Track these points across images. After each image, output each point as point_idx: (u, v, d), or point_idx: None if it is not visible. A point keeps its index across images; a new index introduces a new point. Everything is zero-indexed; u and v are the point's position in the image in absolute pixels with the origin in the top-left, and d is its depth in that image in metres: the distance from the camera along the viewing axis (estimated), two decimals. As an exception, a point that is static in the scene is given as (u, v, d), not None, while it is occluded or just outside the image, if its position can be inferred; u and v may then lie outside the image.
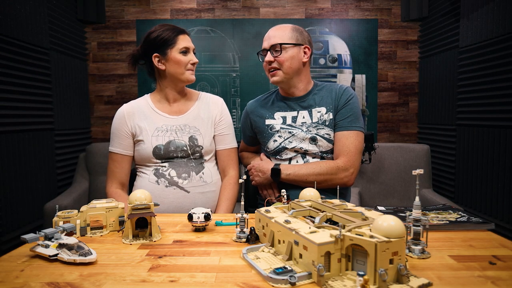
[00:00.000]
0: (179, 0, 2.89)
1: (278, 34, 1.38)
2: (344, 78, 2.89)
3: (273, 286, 0.65)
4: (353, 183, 1.39)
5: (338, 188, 1.08)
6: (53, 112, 2.33)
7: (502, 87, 1.90)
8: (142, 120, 1.42)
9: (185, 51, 1.40)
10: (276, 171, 1.37)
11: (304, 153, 1.41)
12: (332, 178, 1.33)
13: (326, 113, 1.41)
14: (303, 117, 1.43)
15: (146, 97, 1.50)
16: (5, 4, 1.88)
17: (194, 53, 1.45)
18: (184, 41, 1.40)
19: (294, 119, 1.44)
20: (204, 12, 2.89)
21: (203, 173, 1.41)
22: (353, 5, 2.88)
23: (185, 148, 1.40)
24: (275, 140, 1.44)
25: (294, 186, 1.37)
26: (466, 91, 2.23)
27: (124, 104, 1.47)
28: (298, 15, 2.90)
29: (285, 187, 1.39)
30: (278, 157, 1.45)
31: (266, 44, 1.40)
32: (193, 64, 1.42)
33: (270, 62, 1.39)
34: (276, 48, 1.37)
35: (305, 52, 1.41)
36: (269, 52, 1.39)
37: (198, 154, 1.42)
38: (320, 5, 2.89)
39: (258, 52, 1.46)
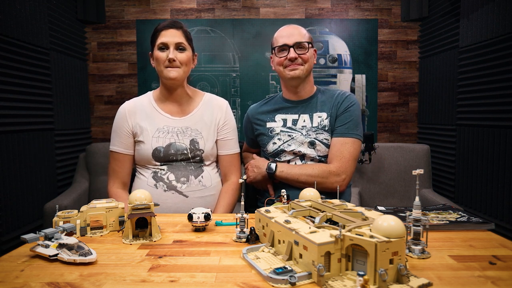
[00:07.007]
0: (179, 0, 2.89)
1: (300, 32, 1.38)
2: (344, 78, 2.89)
3: (273, 286, 0.65)
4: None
5: (338, 188, 1.09)
6: (53, 112, 2.33)
7: (502, 87, 1.90)
8: (143, 119, 1.38)
9: (162, 47, 1.33)
10: (271, 166, 1.39)
11: (303, 156, 1.40)
12: (323, 182, 1.31)
13: (326, 118, 1.40)
14: (304, 121, 1.43)
15: (149, 95, 1.45)
16: (5, 4, 1.88)
17: (180, 47, 1.33)
18: (164, 36, 1.32)
19: (295, 122, 1.44)
20: (204, 12, 2.89)
21: (202, 176, 1.38)
22: (353, 5, 2.87)
23: (185, 152, 1.37)
24: (275, 143, 1.44)
25: (294, 186, 1.37)
26: (466, 91, 2.23)
27: (126, 102, 1.42)
28: (298, 15, 2.90)
29: (284, 187, 1.39)
30: (277, 159, 1.45)
31: (288, 41, 1.36)
32: (170, 61, 1.31)
33: (293, 59, 1.36)
34: (303, 46, 1.37)
35: (314, 55, 1.44)
36: (291, 49, 1.36)
37: (198, 158, 1.38)
38: (320, 5, 2.89)
39: (273, 48, 1.42)
